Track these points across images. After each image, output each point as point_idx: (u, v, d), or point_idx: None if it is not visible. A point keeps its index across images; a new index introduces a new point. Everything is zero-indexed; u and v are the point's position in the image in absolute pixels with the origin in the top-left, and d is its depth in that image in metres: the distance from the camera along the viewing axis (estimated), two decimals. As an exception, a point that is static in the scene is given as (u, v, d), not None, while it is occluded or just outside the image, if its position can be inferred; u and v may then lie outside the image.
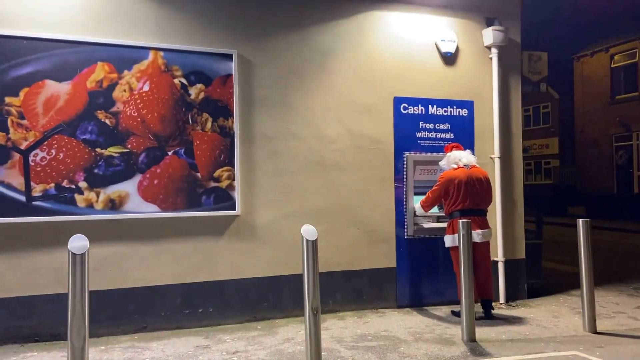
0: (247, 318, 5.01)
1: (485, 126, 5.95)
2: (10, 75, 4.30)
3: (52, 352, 4.11)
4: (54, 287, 4.36)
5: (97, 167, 4.54)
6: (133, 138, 4.66)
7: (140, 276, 4.69)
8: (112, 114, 4.60)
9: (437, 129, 5.78)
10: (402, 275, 5.57)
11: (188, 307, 4.84)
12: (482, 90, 5.97)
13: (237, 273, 5.02)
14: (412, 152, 5.64)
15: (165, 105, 4.77)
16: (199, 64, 4.91)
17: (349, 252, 5.40)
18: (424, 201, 5.31)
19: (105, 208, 4.56)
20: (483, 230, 5.10)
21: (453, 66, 5.89)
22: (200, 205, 4.87)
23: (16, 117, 4.31)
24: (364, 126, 5.53)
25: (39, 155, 4.36)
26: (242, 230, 5.05)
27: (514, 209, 6.05)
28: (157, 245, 4.76)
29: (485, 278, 5.11)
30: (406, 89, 5.69)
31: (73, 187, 4.46)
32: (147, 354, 4.10)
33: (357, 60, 5.53)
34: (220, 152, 4.96)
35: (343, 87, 5.47)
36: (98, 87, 4.56)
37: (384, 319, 5.13)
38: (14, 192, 4.28)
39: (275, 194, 5.18)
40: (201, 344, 4.33)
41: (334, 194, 5.39)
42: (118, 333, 4.56)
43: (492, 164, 5.91)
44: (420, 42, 5.77)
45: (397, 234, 5.59)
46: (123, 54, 4.64)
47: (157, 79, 4.76)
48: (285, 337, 4.50)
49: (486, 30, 5.96)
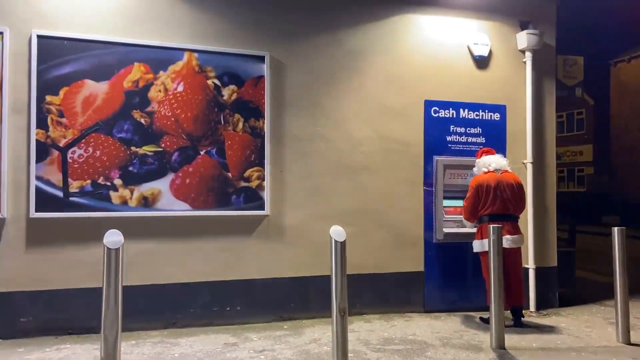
0: (273, 318, 5.05)
1: (518, 131, 5.86)
2: (52, 75, 4.45)
3: (84, 345, 4.22)
4: (89, 282, 4.48)
5: (132, 165, 4.65)
6: (167, 137, 4.76)
7: (170, 273, 4.78)
8: (147, 114, 4.71)
9: (468, 133, 5.72)
10: (430, 280, 5.53)
11: (216, 305, 4.90)
12: (515, 94, 5.89)
13: (265, 273, 5.06)
14: (442, 156, 5.59)
15: (198, 105, 4.85)
16: (232, 66, 4.98)
17: (377, 254, 5.39)
18: (463, 214, 5.23)
19: (139, 205, 4.66)
20: (513, 236, 5.02)
21: (485, 70, 5.83)
22: (230, 204, 4.94)
23: (56, 115, 4.46)
24: (394, 129, 5.51)
25: (76, 153, 4.50)
26: (271, 231, 5.09)
27: (546, 216, 5.94)
28: (187, 243, 4.84)
29: (515, 285, 5.02)
30: (437, 92, 5.66)
31: (108, 184, 4.58)
32: (177, 349, 4.17)
33: (388, 63, 5.52)
34: (251, 152, 5.02)
35: (373, 90, 5.47)
36: (134, 87, 4.67)
37: (411, 323, 5.10)
38: (52, 188, 4.43)
39: (304, 195, 5.21)
40: (229, 342, 4.38)
41: (362, 197, 5.38)
42: (148, 328, 4.65)
43: (525, 170, 5.82)
44: (452, 45, 5.72)
45: (426, 237, 5.54)
46: (159, 55, 4.75)
47: (191, 79, 4.85)
48: (311, 338, 4.51)
49: (520, 34, 5.87)
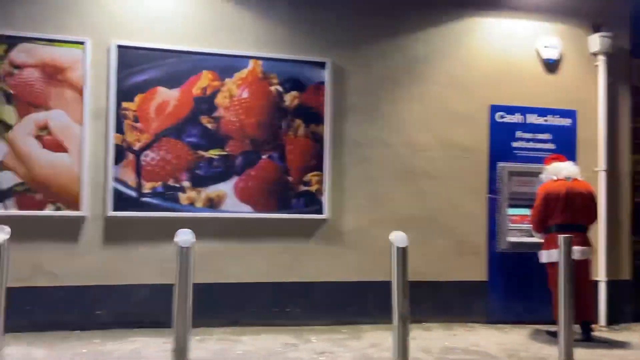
0: (332, 321, 5.08)
1: (589, 137, 5.61)
2: (128, 82, 4.73)
3: (155, 338, 4.43)
4: (159, 278, 4.69)
5: (199, 168, 4.86)
6: (231, 142, 4.93)
7: (233, 272, 4.93)
8: (214, 119, 4.90)
9: (535, 139, 5.54)
10: (493, 290, 5.38)
11: (277, 306, 5.01)
12: (587, 99, 5.64)
13: (324, 276, 5.11)
14: (507, 163, 5.45)
15: (261, 111, 5.00)
16: (294, 72, 5.10)
17: (437, 262, 5.31)
18: (532, 225, 5.04)
19: (205, 206, 4.85)
20: (582, 247, 4.79)
21: (555, 74, 5.63)
22: (291, 207, 5.04)
23: (131, 120, 4.73)
24: (457, 134, 5.43)
25: (149, 156, 4.75)
26: (330, 234, 5.14)
27: (620, 227, 5.64)
28: (249, 244, 4.98)
29: (584, 298, 4.77)
30: (503, 96, 5.52)
31: (177, 186, 4.80)
32: (239, 347, 4.29)
33: (452, 68, 5.45)
34: (311, 157, 5.10)
35: (436, 95, 5.41)
36: (202, 93, 4.88)
37: (473, 333, 4.98)
38: (127, 188, 4.70)
39: (363, 199, 5.23)
40: (289, 342, 4.46)
41: (423, 203, 5.33)
42: (212, 325, 4.81)
43: (596, 178, 5.55)
44: (520, 49, 5.57)
45: (490, 246, 5.41)
46: (226, 63, 4.94)
47: (255, 86, 5.00)
48: (371, 343, 4.51)
49: (592, 37, 5.63)
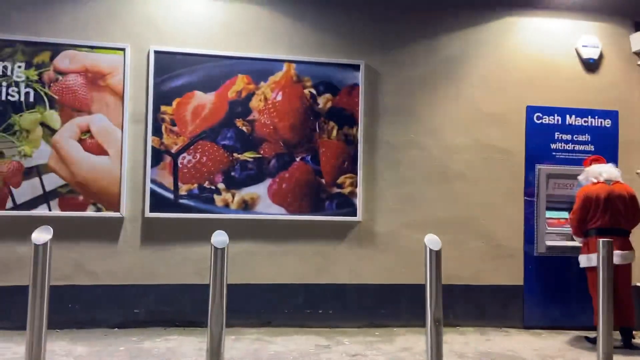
0: (364, 323, 5.08)
1: (632, 139, 5.43)
2: (166, 87, 4.85)
3: (190, 337, 4.53)
4: (194, 278, 4.80)
5: (234, 170, 4.93)
6: (265, 144, 4.99)
7: (267, 273, 4.99)
8: (249, 122, 4.97)
9: (574, 141, 5.39)
10: (530, 295, 5.27)
11: (309, 307, 5.04)
12: (628, 99, 5.47)
13: (356, 278, 5.12)
14: (545, 165, 5.32)
15: (295, 114, 5.04)
16: (328, 75, 5.12)
17: (472, 265, 5.24)
18: (572, 229, 4.91)
19: (239, 208, 4.93)
20: (623, 251, 4.64)
21: (595, 73, 5.47)
22: (324, 209, 5.06)
23: (169, 124, 4.85)
24: (493, 136, 5.34)
25: (186, 159, 4.86)
26: (362, 237, 5.14)
27: (664, 231, 5.42)
28: (282, 246, 5.03)
29: (625, 303, 4.63)
30: (541, 97, 5.40)
31: (213, 188, 4.89)
32: (272, 347, 4.34)
33: (487, 69, 5.37)
34: (344, 159, 5.11)
35: (471, 96, 5.34)
36: (237, 97, 4.96)
37: (509, 338, 4.89)
38: (164, 190, 4.82)
39: (396, 202, 5.20)
40: (321, 344, 4.49)
41: (457, 205, 5.27)
42: (246, 325, 4.89)
43: (639, 180, 5.36)
44: (558, 48, 5.44)
45: (526, 250, 5.30)
46: (260, 67, 5.00)
47: (289, 89, 5.05)
48: (403, 346, 4.49)
49: (634, 35, 5.45)
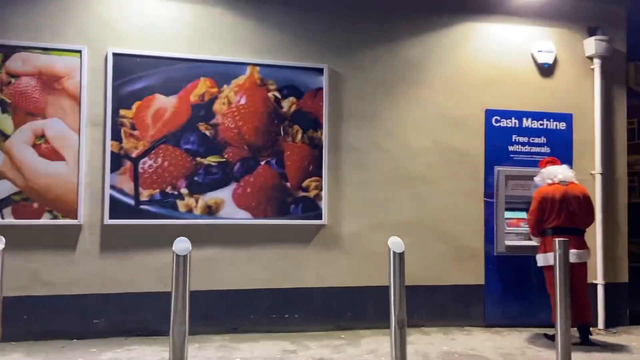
0: (331, 327, 5.09)
1: (585, 141, 5.63)
2: (125, 90, 4.73)
3: (153, 347, 4.43)
4: (156, 286, 4.70)
5: (197, 175, 4.86)
6: (229, 148, 4.94)
7: (231, 279, 4.93)
8: (212, 126, 4.91)
9: (531, 143, 5.56)
10: (490, 294, 5.39)
11: (275, 312, 5.01)
12: (582, 102, 5.67)
13: (322, 282, 5.12)
14: (504, 166, 5.47)
15: (259, 117, 5.01)
16: (292, 78, 5.11)
17: (435, 266, 5.32)
18: (529, 229, 5.06)
19: (203, 213, 4.86)
20: (579, 250, 4.81)
21: (550, 77, 5.66)
22: (289, 213, 5.04)
23: (129, 128, 4.73)
24: (453, 139, 5.44)
25: (147, 163, 4.75)
26: (328, 240, 5.15)
27: (616, 229, 5.66)
28: (248, 251, 4.98)
29: (581, 301, 4.80)
30: (499, 101, 5.54)
31: (175, 193, 4.80)
32: (238, 354, 4.29)
33: (447, 73, 5.47)
34: (309, 162, 5.11)
35: (432, 100, 5.43)
36: (200, 100, 4.89)
37: (471, 337, 4.99)
38: (124, 196, 4.70)
39: (361, 205, 5.24)
40: (288, 349, 4.46)
41: (420, 207, 5.35)
42: (211, 332, 4.81)
43: (592, 181, 5.58)
44: (515, 53, 5.60)
45: (486, 250, 5.42)
46: (223, 70, 4.95)
47: (252, 92, 5.01)
48: (369, 349, 4.52)
49: (588, 40, 5.66)
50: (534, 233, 5.01)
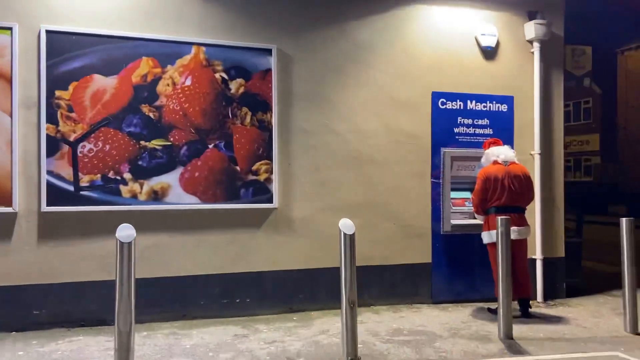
0: (283, 309, 5.09)
1: (525, 122, 5.85)
2: (60, 70, 4.47)
3: (97, 337, 4.28)
4: (100, 274, 4.53)
5: (141, 159, 4.69)
6: (175, 131, 4.79)
7: (180, 265, 4.82)
8: (156, 108, 4.73)
9: (475, 125, 5.71)
10: (437, 271, 5.56)
11: (226, 297, 4.95)
12: (522, 85, 5.87)
13: (274, 265, 5.10)
14: (449, 148, 5.60)
15: (206, 99, 4.87)
16: (239, 59, 4.99)
17: (385, 246, 5.42)
18: (474, 208, 5.22)
19: (149, 199, 4.70)
20: (520, 227, 5.02)
21: (493, 61, 5.81)
22: (239, 197, 4.97)
23: (65, 110, 4.49)
24: (402, 121, 5.51)
25: (86, 147, 4.54)
26: (279, 223, 5.12)
27: (554, 207, 5.94)
28: (197, 236, 4.88)
29: (522, 276, 5.04)
30: (445, 83, 5.65)
31: (118, 178, 4.62)
32: (188, 341, 4.22)
33: (396, 55, 5.51)
34: (259, 145, 5.04)
35: (381, 82, 5.46)
36: (142, 81, 4.70)
37: (419, 314, 5.14)
38: (63, 182, 4.47)
39: (312, 187, 5.23)
40: (239, 333, 4.43)
41: (370, 189, 5.40)
42: (159, 320, 4.71)
43: (532, 161, 5.81)
44: (460, 37, 5.70)
45: (433, 229, 5.57)
46: (167, 49, 4.76)
47: (198, 73, 4.86)
48: (320, 329, 4.56)
49: (528, 24, 5.84)
50: (478, 211, 5.18)
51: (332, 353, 3.92)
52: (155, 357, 3.84)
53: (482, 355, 3.91)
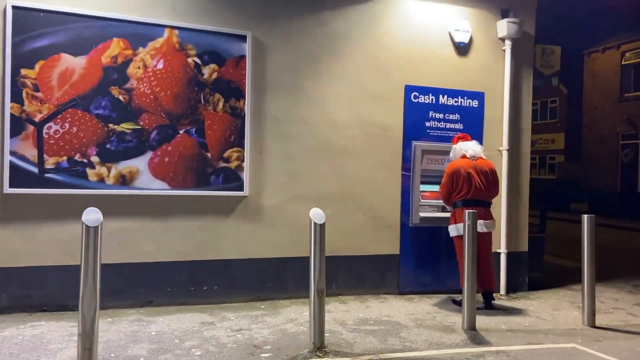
0: (251, 297, 5.09)
1: (495, 118, 5.96)
2: (27, 48, 4.32)
3: (60, 322, 4.19)
4: (64, 259, 4.43)
5: (110, 142, 4.59)
6: (145, 115, 4.70)
7: (147, 252, 4.76)
8: (126, 90, 4.63)
9: (446, 119, 5.79)
10: (405, 263, 5.64)
11: (193, 285, 4.92)
12: (493, 82, 5.97)
13: (243, 253, 5.08)
14: (420, 141, 5.66)
15: (178, 83, 4.79)
16: (213, 44, 4.92)
17: (354, 237, 5.46)
18: (444, 200, 5.31)
19: (116, 183, 4.61)
20: (485, 221, 5.14)
21: (466, 56, 5.89)
22: (209, 184, 4.92)
23: (31, 89, 4.35)
24: (374, 113, 5.54)
25: (52, 128, 4.41)
26: (249, 212, 5.10)
27: (519, 202, 6.09)
28: (165, 222, 4.82)
29: (487, 269, 5.16)
30: (418, 77, 5.70)
31: (85, 161, 4.51)
32: (153, 327, 4.18)
33: (370, 47, 5.53)
34: (231, 132, 4.99)
35: (355, 74, 5.47)
36: (113, 63, 4.58)
37: (386, 304, 5.21)
38: (27, 163, 4.34)
39: (283, 176, 5.22)
40: (206, 321, 4.41)
41: (341, 180, 5.43)
42: (125, 306, 4.65)
43: (500, 157, 5.93)
44: (433, 31, 5.76)
45: (402, 221, 5.64)
46: (138, 31, 4.66)
47: (171, 57, 4.77)
48: (288, 318, 4.58)
49: (501, 22, 5.94)
50: (447, 203, 5.28)
51: (299, 341, 3.95)
52: (120, 343, 3.79)
53: (445, 345, 4.00)
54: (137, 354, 3.60)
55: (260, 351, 3.73)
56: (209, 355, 3.61)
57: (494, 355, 3.79)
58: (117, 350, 3.65)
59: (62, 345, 3.69)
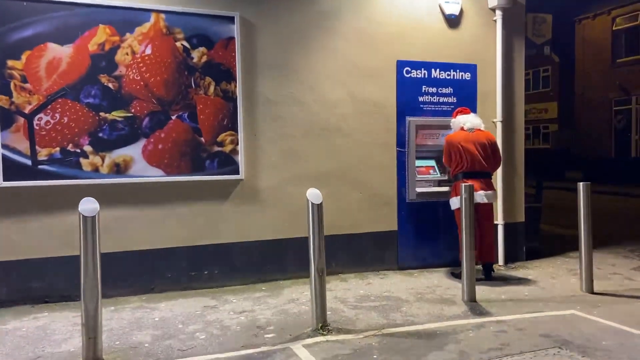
0: (252, 280, 5.12)
1: (488, 90, 5.93)
2: (12, 38, 4.25)
3: (63, 313, 4.21)
4: (63, 250, 4.43)
5: (102, 131, 4.55)
6: (136, 102, 4.65)
7: (146, 239, 4.76)
8: (115, 78, 4.57)
9: (439, 93, 5.76)
10: (403, 238, 5.67)
11: (194, 269, 4.93)
12: (485, 53, 5.93)
13: (242, 236, 5.10)
14: (414, 117, 5.64)
15: (167, 68, 4.73)
16: (201, 27, 4.85)
17: (352, 215, 5.47)
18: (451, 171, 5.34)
19: (111, 172, 4.59)
20: (486, 191, 5.15)
21: (457, 29, 5.83)
22: (204, 169, 4.91)
23: (19, 80, 4.28)
24: (367, 90, 5.51)
25: (43, 119, 4.36)
26: (246, 194, 5.10)
27: (515, 173, 6.11)
28: (162, 209, 4.81)
29: (488, 240, 5.20)
30: (409, 52, 5.65)
31: (78, 151, 4.48)
32: (157, 313, 4.21)
33: (361, 23, 5.46)
34: (224, 116, 4.95)
35: (346, 51, 5.42)
36: (100, 50, 4.51)
37: (386, 280, 5.25)
38: (19, 156, 4.30)
39: (278, 158, 5.21)
40: (209, 304, 4.44)
41: (336, 158, 5.42)
42: (127, 294, 4.67)
43: (494, 128, 5.93)
44: (424, 4, 5.68)
45: (399, 197, 5.65)
46: (124, 17, 4.58)
47: (159, 42, 4.70)
48: (289, 298, 4.61)
49: (491, -8, 5.87)
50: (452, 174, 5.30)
51: (301, 321, 3.98)
52: (124, 330, 3.82)
53: (447, 317, 4.05)
54: (142, 340, 3.63)
55: (264, 332, 3.77)
56: (213, 338, 3.64)
57: (495, 325, 3.84)
58: (122, 337, 3.68)
59: (67, 336, 3.71)
